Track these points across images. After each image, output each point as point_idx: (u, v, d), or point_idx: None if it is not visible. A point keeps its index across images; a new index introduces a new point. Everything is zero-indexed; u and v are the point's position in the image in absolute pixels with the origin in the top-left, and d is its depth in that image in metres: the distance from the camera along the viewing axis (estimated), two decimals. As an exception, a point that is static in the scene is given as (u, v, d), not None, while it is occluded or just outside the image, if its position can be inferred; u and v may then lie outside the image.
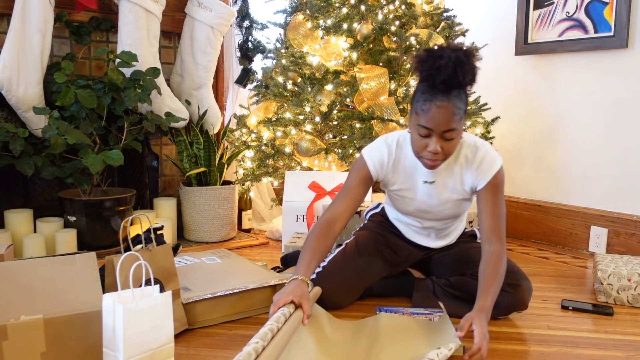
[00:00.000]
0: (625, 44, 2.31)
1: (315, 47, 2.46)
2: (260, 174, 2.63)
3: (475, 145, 1.56)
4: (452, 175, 1.57)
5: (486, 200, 1.55)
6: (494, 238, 1.53)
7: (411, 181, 1.61)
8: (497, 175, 1.54)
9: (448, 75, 1.34)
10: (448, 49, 1.35)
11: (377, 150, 1.60)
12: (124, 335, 1.10)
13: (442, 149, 1.42)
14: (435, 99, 1.37)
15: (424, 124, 1.40)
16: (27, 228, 2.14)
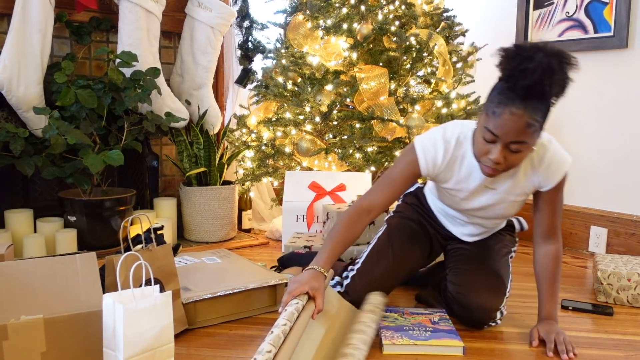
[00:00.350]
0: (625, 44, 2.31)
1: (315, 47, 2.46)
2: (260, 174, 2.63)
3: (543, 143, 1.41)
4: (516, 179, 1.45)
5: (549, 200, 1.47)
6: (552, 236, 1.49)
7: (467, 183, 1.47)
8: (563, 179, 1.44)
9: (533, 82, 1.20)
10: (541, 51, 1.21)
11: (432, 146, 1.44)
12: (124, 335, 1.10)
13: (504, 160, 1.29)
14: (511, 105, 1.23)
15: (492, 129, 1.26)
16: (27, 228, 2.14)
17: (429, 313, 1.60)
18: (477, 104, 2.60)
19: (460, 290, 1.54)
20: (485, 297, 1.51)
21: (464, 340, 1.44)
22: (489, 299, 1.51)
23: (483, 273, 1.56)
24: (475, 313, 1.52)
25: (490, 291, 1.52)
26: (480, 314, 1.52)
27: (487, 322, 1.55)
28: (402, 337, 1.42)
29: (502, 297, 1.54)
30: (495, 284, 1.54)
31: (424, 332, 1.45)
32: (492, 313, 1.52)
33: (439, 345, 1.39)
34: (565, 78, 1.22)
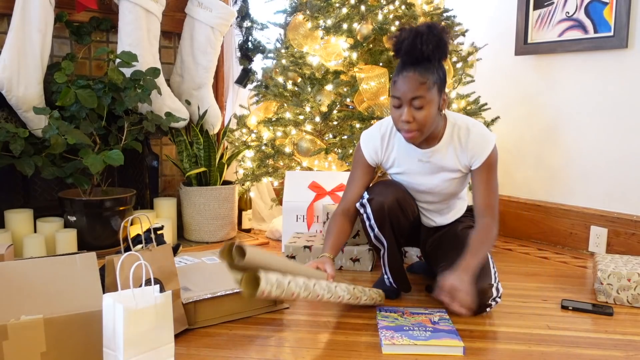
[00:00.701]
0: (625, 44, 2.31)
1: (315, 47, 2.46)
2: (260, 174, 2.63)
3: (467, 127, 1.62)
4: (446, 156, 1.64)
5: (480, 178, 1.62)
6: (487, 212, 1.62)
7: (407, 164, 1.69)
8: (491, 154, 1.60)
9: (409, 45, 1.45)
10: (413, 26, 1.48)
11: (370, 139, 1.72)
12: (124, 335, 1.10)
13: (414, 119, 1.50)
14: (403, 70, 1.49)
15: (394, 94, 1.51)
16: (27, 228, 2.14)
17: (429, 313, 1.60)
18: (477, 103, 2.60)
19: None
20: (476, 279, 1.52)
21: (464, 340, 1.44)
22: (479, 280, 1.53)
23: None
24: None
25: (478, 272, 1.54)
26: (478, 297, 1.52)
27: (486, 302, 1.57)
28: (402, 337, 1.42)
29: (490, 274, 1.59)
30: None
31: (424, 332, 1.45)
32: (488, 291, 1.56)
33: (439, 345, 1.39)
34: (438, 38, 1.46)
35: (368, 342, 1.45)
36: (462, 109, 2.50)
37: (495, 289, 1.59)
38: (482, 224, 1.61)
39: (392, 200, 1.64)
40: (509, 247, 2.59)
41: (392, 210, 1.64)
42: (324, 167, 2.50)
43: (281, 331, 1.53)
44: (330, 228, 1.70)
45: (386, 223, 1.64)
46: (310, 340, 1.47)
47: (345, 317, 1.63)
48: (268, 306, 1.66)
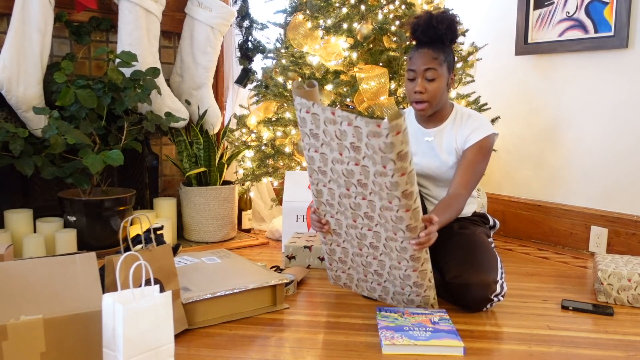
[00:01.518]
0: (625, 44, 2.31)
1: (315, 47, 2.46)
2: (260, 174, 2.63)
3: (470, 114, 1.78)
4: (448, 134, 1.78)
5: (466, 158, 1.72)
6: (462, 186, 1.69)
7: (413, 143, 1.82)
8: (486, 139, 1.72)
9: (424, 24, 1.65)
10: (425, 11, 1.70)
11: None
12: (124, 335, 1.10)
13: (425, 90, 1.68)
14: (418, 48, 1.70)
15: (410, 67, 1.71)
16: (27, 228, 2.14)
17: (429, 313, 1.60)
18: (477, 103, 2.60)
19: (457, 272, 1.62)
20: (480, 271, 1.60)
21: (464, 341, 1.44)
22: (485, 272, 1.60)
23: (472, 253, 1.67)
24: (475, 289, 1.59)
25: (484, 265, 1.62)
26: (481, 289, 1.59)
27: (490, 296, 1.60)
28: (402, 337, 1.42)
29: (496, 269, 1.63)
30: (486, 258, 1.65)
31: (424, 332, 1.45)
32: (492, 285, 1.60)
33: (439, 345, 1.39)
34: (450, 20, 1.66)
35: (368, 342, 1.45)
36: (462, 109, 2.50)
37: (499, 285, 1.62)
38: (454, 193, 1.67)
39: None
40: (509, 247, 2.59)
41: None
42: (324, 167, 2.50)
43: (281, 331, 1.53)
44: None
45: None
46: (310, 340, 1.47)
47: (345, 317, 1.63)
48: (268, 306, 1.66)
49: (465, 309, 1.68)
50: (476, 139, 1.72)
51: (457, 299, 1.67)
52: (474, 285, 1.59)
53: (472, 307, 1.66)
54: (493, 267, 1.63)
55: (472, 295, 1.61)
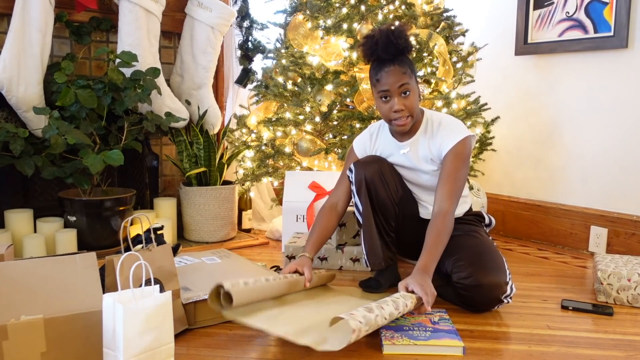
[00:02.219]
0: (625, 44, 2.31)
1: (315, 47, 2.46)
2: (260, 174, 2.63)
3: (440, 120, 1.75)
4: (422, 144, 1.76)
5: (445, 167, 1.69)
6: (447, 198, 1.65)
7: (393, 157, 1.82)
8: (460, 145, 1.68)
9: (384, 43, 1.61)
10: (379, 28, 1.65)
11: (361, 138, 1.90)
12: (124, 335, 1.10)
13: (405, 107, 1.65)
14: (383, 67, 1.64)
15: (381, 88, 1.66)
16: (27, 228, 2.14)
17: (429, 313, 1.60)
18: (477, 103, 2.60)
19: (468, 273, 1.61)
20: (491, 272, 1.60)
21: (464, 340, 1.44)
22: (495, 273, 1.60)
23: (481, 254, 1.67)
24: (487, 289, 1.59)
25: (494, 266, 1.62)
26: (492, 290, 1.59)
27: (500, 297, 1.61)
28: (402, 337, 1.42)
29: (505, 271, 1.63)
30: (494, 260, 1.65)
31: (424, 332, 1.45)
32: (503, 286, 1.60)
33: (439, 345, 1.39)
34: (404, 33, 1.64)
35: (368, 342, 1.45)
36: (462, 109, 2.50)
37: (509, 287, 1.63)
38: (437, 214, 1.63)
39: (374, 170, 1.75)
40: (509, 247, 2.59)
41: (371, 178, 1.75)
42: (324, 167, 2.50)
43: (281, 331, 1.52)
44: (315, 223, 1.79)
45: (362, 189, 1.75)
46: (310, 340, 1.47)
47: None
48: (268, 306, 1.66)
49: (470, 309, 1.67)
50: (449, 146, 1.68)
51: (465, 300, 1.66)
52: (485, 286, 1.59)
53: (480, 307, 1.65)
54: (502, 268, 1.63)
55: (483, 296, 1.61)
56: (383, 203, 1.77)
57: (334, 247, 2.13)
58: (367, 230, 1.79)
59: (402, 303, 1.42)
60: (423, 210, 1.87)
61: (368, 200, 1.76)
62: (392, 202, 1.79)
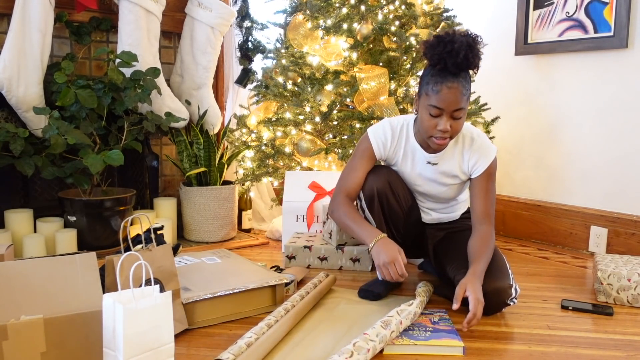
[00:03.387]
0: (625, 44, 2.31)
1: (315, 47, 2.46)
2: (260, 174, 2.63)
3: (472, 136, 1.69)
4: (450, 158, 1.70)
5: (480, 187, 1.68)
6: (486, 220, 1.66)
7: (413, 164, 1.74)
8: (492, 164, 1.67)
9: (460, 58, 1.47)
10: (458, 34, 1.49)
11: (382, 131, 1.73)
12: (124, 335, 1.10)
13: (451, 128, 1.54)
14: (446, 81, 1.50)
15: (435, 104, 1.52)
16: (27, 228, 2.14)
17: (429, 313, 1.60)
18: (477, 103, 2.60)
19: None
20: (495, 278, 1.58)
21: (464, 340, 1.44)
22: (499, 279, 1.58)
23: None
24: (491, 295, 1.57)
25: (497, 272, 1.60)
26: (498, 295, 1.57)
27: (505, 300, 1.60)
28: (402, 337, 1.42)
29: (508, 274, 1.62)
30: (497, 265, 1.63)
31: (424, 332, 1.45)
32: (508, 290, 1.59)
33: (439, 345, 1.39)
34: (480, 52, 1.52)
35: (368, 342, 1.45)
36: (462, 109, 2.49)
37: (513, 289, 1.62)
38: (482, 233, 1.65)
39: (383, 181, 1.71)
40: (509, 247, 2.59)
41: (382, 190, 1.71)
42: (324, 167, 2.50)
43: (281, 331, 1.52)
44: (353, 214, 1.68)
45: (374, 203, 1.71)
46: (310, 340, 1.47)
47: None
48: (268, 306, 1.66)
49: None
50: (484, 168, 1.66)
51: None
52: (490, 292, 1.56)
53: (487, 312, 1.63)
54: (505, 272, 1.62)
55: (489, 301, 1.58)
56: (395, 213, 1.76)
57: (334, 247, 2.13)
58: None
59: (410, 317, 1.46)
60: (426, 216, 1.87)
61: (381, 214, 1.74)
62: (403, 210, 1.78)
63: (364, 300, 1.75)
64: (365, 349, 1.27)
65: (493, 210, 1.68)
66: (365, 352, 1.27)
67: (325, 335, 1.45)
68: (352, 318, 1.58)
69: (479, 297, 1.46)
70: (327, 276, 1.85)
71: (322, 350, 1.36)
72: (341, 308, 1.66)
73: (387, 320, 1.38)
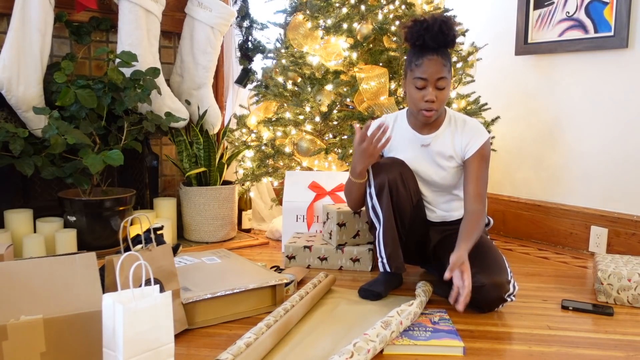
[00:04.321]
0: (625, 44, 2.31)
1: (315, 47, 2.46)
2: (260, 174, 2.63)
3: (464, 119, 1.79)
4: (444, 140, 1.77)
5: (472, 168, 1.74)
6: (477, 200, 1.71)
7: (407, 150, 1.82)
8: (484, 146, 1.74)
9: (435, 32, 1.62)
10: (431, 15, 1.66)
11: (381, 120, 1.87)
12: (124, 335, 1.10)
13: (437, 99, 1.67)
14: (427, 53, 1.65)
15: (420, 75, 1.65)
16: (27, 228, 2.14)
17: (429, 313, 1.60)
18: (477, 103, 2.60)
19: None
20: (493, 272, 1.60)
21: (464, 340, 1.44)
22: (497, 273, 1.61)
23: (482, 254, 1.67)
24: (490, 290, 1.59)
25: (494, 266, 1.62)
26: (495, 289, 1.59)
27: (504, 296, 1.61)
28: (402, 337, 1.42)
29: (506, 270, 1.63)
30: (495, 260, 1.65)
31: (424, 332, 1.45)
32: (506, 285, 1.61)
33: (439, 345, 1.39)
34: (454, 27, 1.65)
35: (368, 342, 1.44)
36: (462, 109, 2.50)
37: (512, 285, 1.63)
38: (472, 211, 1.70)
39: (395, 172, 1.74)
40: (509, 247, 2.59)
41: (394, 181, 1.74)
42: (324, 167, 2.50)
43: (281, 331, 1.52)
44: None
45: (384, 191, 1.73)
46: (310, 341, 1.46)
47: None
48: (268, 306, 1.66)
49: (474, 309, 1.67)
50: (476, 148, 1.73)
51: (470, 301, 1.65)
52: (488, 286, 1.58)
53: (485, 308, 1.65)
54: (503, 267, 1.64)
55: (487, 296, 1.60)
56: (403, 205, 1.77)
57: (334, 247, 2.13)
58: (388, 235, 1.76)
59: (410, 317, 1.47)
60: (431, 214, 1.88)
61: (390, 203, 1.75)
62: (411, 204, 1.80)
63: (364, 300, 1.75)
64: (365, 350, 1.27)
65: (484, 191, 1.73)
66: (366, 352, 1.27)
67: (325, 336, 1.45)
68: (352, 318, 1.58)
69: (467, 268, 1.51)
70: (327, 276, 1.85)
71: (322, 351, 1.36)
72: (341, 308, 1.66)
73: (387, 321, 1.38)
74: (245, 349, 1.28)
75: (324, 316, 1.60)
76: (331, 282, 1.84)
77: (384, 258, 1.78)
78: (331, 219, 2.17)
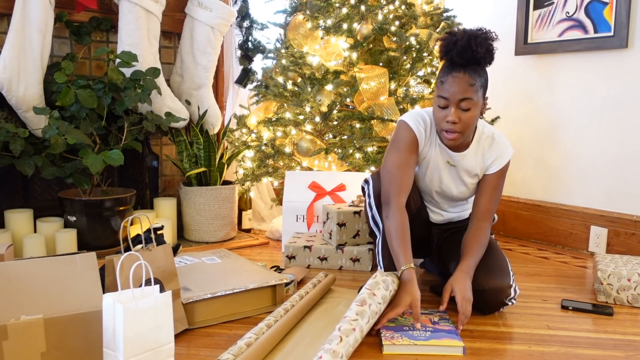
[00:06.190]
0: (625, 44, 2.31)
1: (315, 47, 2.46)
2: (260, 174, 2.63)
3: (492, 136, 1.67)
4: (471, 159, 1.66)
5: (489, 184, 1.67)
6: (485, 217, 1.66)
7: (434, 162, 1.69)
8: (507, 165, 1.67)
9: (462, 47, 1.47)
10: (465, 29, 1.52)
11: (421, 121, 1.65)
12: (124, 335, 1.10)
13: (459, 120, 1.51)
14: (453, 71, 1.50)
15: (442, 94, 1.52)
16: (27, 228, 2.14)
17: (429, 313, 1.60)
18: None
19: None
20: (495, 276, 1.59)
21: (464, 340, 1.44)
22: (499, 278, 1.59)
23: (485, 258, 1.65)
24: (489, 294, 1.58)
25: (497, 270, 1.61)
26: (496, 294, 1.59)
27: (504, 300, 1.61)
28: (402, 337, 1.42)
29: (509, 274, 1.62)
30: (498, 263, 1.64)
31: (424, 332, 1.45)
32: (507, 290, 1.59)
33: (439, 345, 1.39)
34: (489, 42, 1.50)
35: (368, 342, 1.45)
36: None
37: (513, 289, 1.62)
38: (478, 228, 1.65)
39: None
40: (509, 247, 2.59)
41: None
42: (324, 167, 2.50)
43: (281, 331, 1.52)
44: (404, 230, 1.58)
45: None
46: (310, 340, 1.47)
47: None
48: (268, 306, 1.66)
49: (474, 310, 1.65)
50: (499, 167, 1.66)
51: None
52: (489, 291, 1.58)
53: (485, 311, 1.65)
54: (506, 271, 1.62)
55: (488, 300, 1.60)
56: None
57: (334, 247, 2.13)
58: (386, 247, 1.70)
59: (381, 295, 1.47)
60: (436, 217, 1.86)
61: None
62: (411, 213, 1.75)
63: None
64: (350, 329, 1.29)
65: (495, 209, 1.69)
66: (353, 331, 1.29)
67: (325, 336, 1.45)
68: None
69: (466, 295, 1.49)
70: (327, 276, 1.85)
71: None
72: (341, 308, 1.66)
73: (361, 299, 1.41)
74: (246, 349, 1.28)
75: (324, 316, 1.60)
76: (331, 282, 1.84)
77: (382, 268, 1.77)
78: (331, 219, 2.17)
